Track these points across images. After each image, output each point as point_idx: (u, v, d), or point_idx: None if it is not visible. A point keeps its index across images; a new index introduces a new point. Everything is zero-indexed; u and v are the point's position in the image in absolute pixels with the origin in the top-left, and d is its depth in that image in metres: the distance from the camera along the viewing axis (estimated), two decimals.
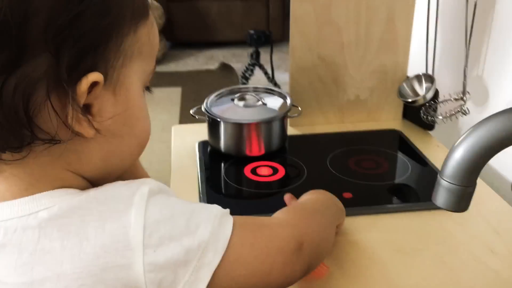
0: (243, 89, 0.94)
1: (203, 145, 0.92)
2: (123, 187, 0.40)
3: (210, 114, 0.86)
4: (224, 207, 0.76)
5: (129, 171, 1.01)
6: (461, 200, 0.39)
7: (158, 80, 3.21)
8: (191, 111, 0.89)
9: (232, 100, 0.90)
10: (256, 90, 0.95)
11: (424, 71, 0.93)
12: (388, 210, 0.72)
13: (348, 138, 0.96)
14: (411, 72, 0.99)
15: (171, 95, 2.97)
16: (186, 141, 0.95)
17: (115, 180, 0.43)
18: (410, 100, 0.92)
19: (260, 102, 0.89)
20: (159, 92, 3.01)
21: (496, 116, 0.38)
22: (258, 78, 2.98)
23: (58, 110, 0.36)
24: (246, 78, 2.89)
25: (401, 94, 0.93)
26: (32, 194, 0.38)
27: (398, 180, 0.81)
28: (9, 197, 0.39)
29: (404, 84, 0.94)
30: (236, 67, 3.37)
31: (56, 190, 0.39)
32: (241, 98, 0.90)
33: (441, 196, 0.39)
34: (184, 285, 0.38)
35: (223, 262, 0.40)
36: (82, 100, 0.37)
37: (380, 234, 0.68)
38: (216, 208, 0.43)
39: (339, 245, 0.65)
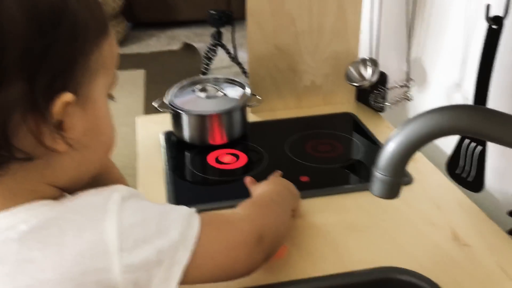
0: (204, 80, 0.98)
1: (167, 135, 0.96)
2: (96, 196, 0.43)
3: (173, 106, 0.90)
4: (190, 194, 0.81)
5: (104, 171, 1.05)
6: (393, 189, 0.45)
7: (121, 62, 3.17)
8: (155, 104, 0.93)
9: (194, 91, 0.94)
10: (216, 80, 0.99)
11: (372, 56, 0.99)
12: (342, 191, 0.79)
13: (305, 123, 1.02)
14: (362, 56, 1.05)
15: (135, 78, 2.97)
16: (150, 131, 0.99)
17: (87, 183, 0.47)
18: (356, 84, 0.98)
19: (220, 93, 0.93)
20: (123, 75, 2.98)
21: (420, 116, 0.44)
22: (221, 58, 3.00)
23: (33, 130, 0.39)
24: (209, 59, 2.91)
25: (348, 78, 0.99)
26: (10, 208, 0.41)
27: (350, 161, 0.88)
28: None
29: (351, 68, 1.00)
30: (198, 47, 3.38)
31: (32, 203, 0.42)
32: (203, 89, 0.94)
33: (376, 186, 0.46)
34: (158, 282, 0.42)
35: (192, 259, 0.44)
36: (55, 119, 0.40)
37: (334, 214, 0.74)
38: (184, 209, 0.47)
39: (297, 227, 0.71)
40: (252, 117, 1.04)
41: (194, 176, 0.87)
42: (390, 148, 0.44)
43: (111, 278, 0.40)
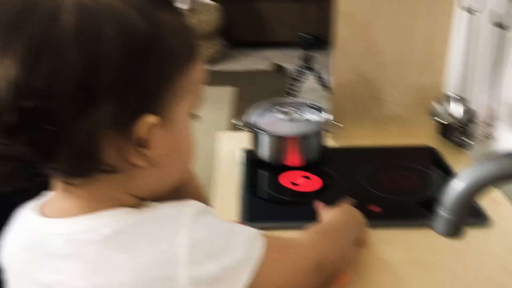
0: (286, 102, 1.01)
1: (245, 153, 1.00)
2: (171, 209, 0.46)
3: (253, 126, 0.94)
4: (262, 211, 0.84)
5: (183, 182, 1.11)
6: (456, 229, 0.45)
7: (213, 79, 3.32)
8: (234, 121, 0.98)
9: (275, 112, 0.98)
10: (298, 103, 1.02)
11: (458, 92, 0.97)
12: (412, 225, 0.78)
13: (383, 153, 1.01)
14: (448, 92, 1.02)
15: (224, 94, 3.08)
16: (230, 147, 1.04)
17: (167, 195, 0.50)
18: (441, 120, 0.96)
19: (301, 116, 0.96)
20: (213, 91, 3.13)
21: (492, 158, 0.44)
22: (309, 81, 3.03)
23: (119, 147, 0.42)
24: (296, 81, 2.95)
25: (432, 113, 0.98)
26: (94, 212, 0.45)
27: (427, 196, 0.86)
28: (77, 214, 0.45)
29: (436, 104, 0.98)
30: (290, 68, 3.44)
31: (115, 209, 0.45)
32: (283, 111, 0.97)
33: (439, 224, 0.46)
34: None
35: (253, 279, 0.46)
36: (139, 138, 0.43)
37: (401, 247, 0.73)
38: (250, 230, 0.48)
39: (362, 257, 0.71)
40: (330, 142, 1.05)
41: (267, 194, 0.90)
42: (457, 187, 0.44)
43: (177, 287, 0.43)
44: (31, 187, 0.44)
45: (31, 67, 0.38)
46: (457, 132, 0.97)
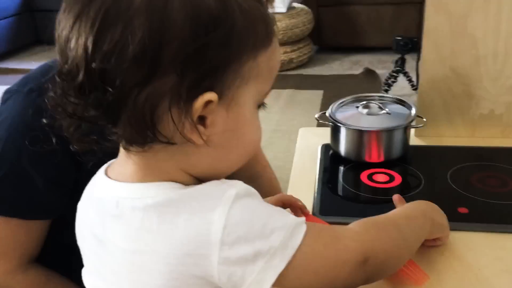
0: (369, 97, 0.97)
1: (325, 148, 0.97)
2: (215, 188, 0.46)
3: (333, 119, 0.91)
4: (336, 207, 0.80)
5: (259, 170, 1.09)
6: None
7: (301, 82, 3.31)
8: (316, 116, 0.95)
9: (357, 107, 0.94)
10: (382, 98, 0.97)
11: None
12: (505, 229, 0.70)
13: (476, 153, 0.93)
14: None
15: (313, 97, 3.05)
16: (310, 143, 1.01)
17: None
18: None
19: (383, 111, 0.91)
20: (302, 94, 3.11)
21: None
22: (402, 86, 2.91)
23: (176, 120, 0.43)
24: (388, 85, 2.85)
25: None
26: (146, 181, 0.47)
27: None
28: (131, 180, 0.48)
29: None
30: (380, 73, 3.33)
31: (164, 182, 0.47)
32: (366, 106, 0.93)
33: None
34: (251, 281, 0.44)
35: (290, 267, 0.44)
36: (197, 114, 0.44)
37: (490, 252, 0.66)
38: (291, 218, 0.46)
39: (444, 258, 0.65)
40: (416, 141, 0.99)
41: (344, 190, 0.86)
42: None
43: (208, 266, 0.43)
44: (99, 150, 0.48)
45: (101, 31, 0.41)
46: None
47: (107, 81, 0.41)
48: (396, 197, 0.70)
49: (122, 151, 0.50)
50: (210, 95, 0.43)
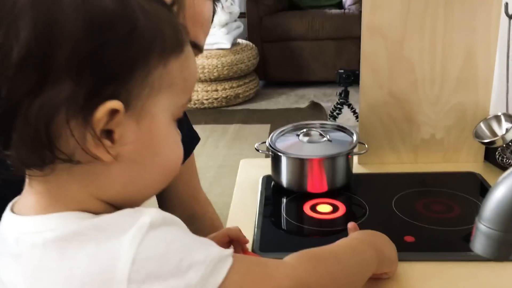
0: (310, 125, 0.93)
1: (267, 179, 0.92)
2: (126, 217, 0.40)
3: (272, 148, 0.86)
4: (277, 241, 0.75)
5: (200, 210, 1.02)
6: (501, 247, 0.35)
7: (248, 117, 3.29)
8: (255, 145, 0.90)
9: (298, 135, 0.90)
10: (323, 126, 0.94)
11: (505, 111, 0.86)
12: (454, 257, 0.66)
13: (420, 179, 0.91)
14: (493, 112, 0.92)
15: (260, 132, 3.03)
16: (251, 174, 0.96)
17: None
18: (486, 140, 0.85)
19: (325, 139, 0.88)
20: (249, 129, 3.08)
21: None
22: (347, 117, 2.95)
23: (76, 134, 0.38)
24: (334, 117, 2.87)
25: (477, 135, 0.87)
26: (49, 212, 0.41)
27: (469, 226, 0.75)
28: (33, 212, 0.42)
29: (482, 125, 0.88)
30: (326, 106, 3.37)
31: (68, 212, 0.40)
32: (306, 134, 0.89)
33: (479, 241, 0.35)
34: None
35: None
36: (100, 126, 0.39)
37: (440, 283, 0.62)
38: (214, 251, 0.41)
39: None
40: (360, 169, 0.96)
41: (286, 223, 0.80)
42: (499, 194, 0.34)
43: None
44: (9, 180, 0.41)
45: None
46: (506, 155, 0.86)
47: None
48: (350, 225, 0.66)
49: (26, 180, 0.44)
50: (113, 103, 0.38)
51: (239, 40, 3.68)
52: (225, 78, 3.45)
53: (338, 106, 2.86)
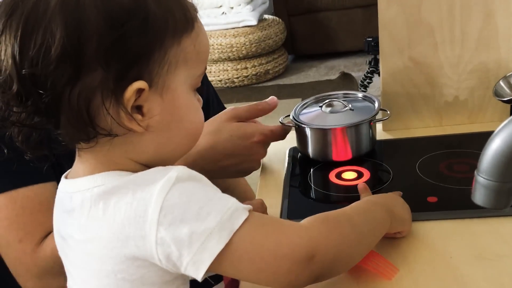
0: (332, 96, 0.95)
1: (293, 150, 0.95)
2: (157, 173, 0.47)
3: (296, 121, 0.89)
4: (304, 209, 0.78)
5: (233, 184, 1.09)
6: (499, 197, 0.37)
7: (279, 92, 3.31)
8: (280, 119, 0.93)
9: (320, 107, 0.92)
10: (346, 96, 0.96)
11: None
12: (475, 214, 0.68)
13: (445, 142, 0.92)
14: None
15: (291, 106, 3.03)
16: (279, 146, 0.99)
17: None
18: (506, 98, 0.85)
19: (347, 108, 0.90)
20: (280, 104, 3.09)
21: None
22: (378, 86, 2.92)
23: (111, 112, 0.46)
24: (365, 87, 2.85)
25: (497, 93, 0.87)
26: (96, 174, 0.49)
27: None
28: (82, 175, 0.51)
29: (501, 83, 0.87)
30: (357, 76, 3.34)
31: (111, 172, 0.49)
32: (329, 105, 0.92)
33: (478, 193, 0.38)
34: (188, 262, 0.45)
35: (228, 252, 0.44)
36: (130, 103, 0.46)
37: (461, 239, 0.64)
38: (232, 202, 0.47)
39: (414, 249, 0.63)
40: (384, 135, 0.97)
41: (313, 191, 0.84)
42: (495, 146, 0.36)
43: (147, 246, 0.45)
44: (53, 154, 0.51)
45: (24, 39, 0.44)
46: None
47: (39, 85, 0.44)
48: (361, 186, 0.69)
49: (76, 152, 0.52)
50: (139, 84, 0.46)
51: (265, 16, 3.67)
52: (253, 55, 3.47)
53: (369, 75, 2.84)
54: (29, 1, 0.44)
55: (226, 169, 0.83)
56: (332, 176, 0.84)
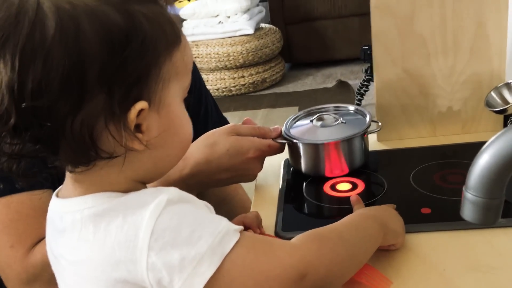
0: (322, 109, 0.95)
1: (288, 162, 0.95)
2: (149, 195, 0.47)
3: (288, 136, 0.89)
4: (302, 223, 0.78)
5: (231, 192, 1.09)
6: (487, 213, 0.37)
7: (276, 101, 3.31)
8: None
9: (311, 121, 0.92)
10: (336, 109, 0.96)
11: None
12: (468, 226, 0.68)
13: (439, 152, 0.92)
14: (509, 80, 0.92)
15: (289, 115, 3.03)
16: (274, 158, 0.99)
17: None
18: (498, 109, 0.85)
19: (338, 121, 0.89)
20: (277, 112, 3.11)
21: None
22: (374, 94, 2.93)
23: (115, 134, 0.46)
24: (361, 95, 2.86)
25: (489, 103, 0.87)
26: (87, 194, 0.49)
27: None
28: (73, 195, 0.50)
29: (493, 93, 0.88)
30: (353, 84, 3.35)
31: (101, 193, 0.48)
32: (319, 119, 0.91)
33: (467, 209, 0.38)
34: (180, 287, 0.44)
35: (219, 275, 0.44)
36: (133, 124, 0.46)
37: (455, 251, 0.65)
38: (223, 225, 0.46)
39: (407, 261, 0.63)
40: (378, 145, 0.98)
41: (307, 203, 0.84)
42: (483, 162, 0.37)
43: (138, 270, 0.45)
44: (48, 178, 0.52)
45: (22, 71, 0.42)
46: None
47: (40, 116, 0.43)
48: (353, 198, 0.69)
49: (67, 172, 0.52)
50: (141, 104, 0.46)
51: (262, 25, 3.69)
52: (250, 64, 3.48)
53: (365, 83, 2.84)
54: (22, 32, 0.42)
55: (222, 182, 0.84)
56: (326, 188, 0.85)
